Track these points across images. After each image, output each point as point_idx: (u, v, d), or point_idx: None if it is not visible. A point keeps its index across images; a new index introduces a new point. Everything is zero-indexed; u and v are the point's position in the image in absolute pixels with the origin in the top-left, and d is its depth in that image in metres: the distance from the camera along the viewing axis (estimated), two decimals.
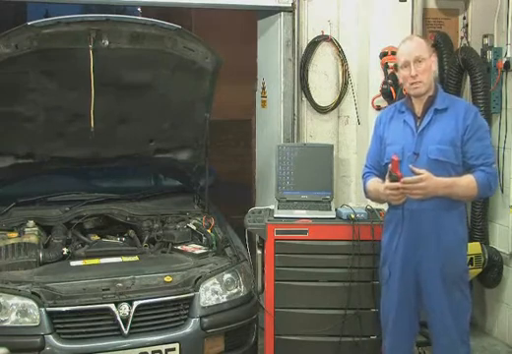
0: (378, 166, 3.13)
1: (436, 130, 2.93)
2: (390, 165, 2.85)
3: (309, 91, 4.49)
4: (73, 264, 3.28)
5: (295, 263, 3.54)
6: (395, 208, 3.03)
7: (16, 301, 2.91)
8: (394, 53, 3.49)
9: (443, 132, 2.92)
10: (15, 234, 3.47)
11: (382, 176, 3.01)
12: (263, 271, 3.60)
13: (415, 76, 2.90)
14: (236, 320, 3.20)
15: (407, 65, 2.92)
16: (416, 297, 3.02)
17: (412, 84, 2.93)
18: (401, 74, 3.00)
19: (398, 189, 2.85)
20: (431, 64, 2.95)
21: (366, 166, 3.23)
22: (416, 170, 2.80)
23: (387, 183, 2.88)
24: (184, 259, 3.40)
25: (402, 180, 2.81)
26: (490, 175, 2.91)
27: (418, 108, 3.00)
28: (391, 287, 3.08)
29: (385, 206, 3.30)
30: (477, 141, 2.91)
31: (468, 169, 2.93)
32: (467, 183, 2.88)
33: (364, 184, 3.21)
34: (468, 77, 4.19)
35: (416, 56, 2.90)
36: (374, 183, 3.09)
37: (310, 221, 3.58)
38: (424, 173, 2.78)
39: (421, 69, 2.90)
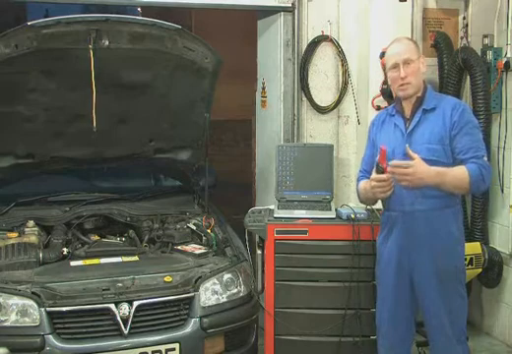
0: (372, 170, 3.12)
1: (425, 130, 2.93)
2: (378, 156, 2.82)
3: (309, 91, 4.50)
4: (73, 264, 3.29)
5: (295, 263, 3.54)
6: (388, 210, 3.03)
7: (16, 301, 2.91)
8: None
9: (431, 131, 2.91)
10: (15, 234, 3.47)
11: None
12: (263, 271, 3.60)
13: (404, 77, 2.90)
14: (236, 320, 3.20)
15: (395, 66, 2.93)
16: (411, 298, 3.01)
17: (400, 85, 2.93)
18: (390, 75, 3.00)
19: (383, 181, 2.84)
20: (420, 66, 2.95)
21: (360, 171, 3.22)
22: (410, 153, 2.76)
23: (373, 175, 2.87)
24: (184, 259, 3.40)
25: (392, 162, 2.77)
26: (482, 167, 2.85)
27: (408, 110, 3.00)
28: (385, 289, 3.08)
29: None
30: (464, 135, 2.88)
31: (458, 165, 2.89)
32: (458, 173, 2.82)
33: (357, 187, 3.20)
34: (468, 77, 4.19)
35: (404, 58, 2.91)
36: (365, 183, 3.09)
37: (310, 221, 3.58)
38: (416, 159, 2.75)
39: (410, 70, 2.91)
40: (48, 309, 2.90)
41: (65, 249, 3.39)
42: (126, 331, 2.95)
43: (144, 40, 3.38)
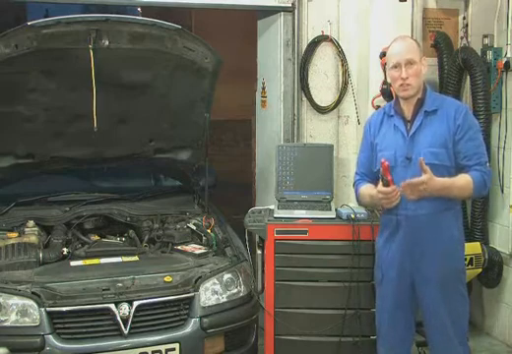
0: (370, 173, 3.10)
1: (427, 133, 2.91)
2: (381, 170, 2.84)
3: (309, 91, 4.49)
4: (73, 264, 3.29)
5: (295, 263, 3.54)
6: (390, 214, 3.01)
7: (16, 301, 2.91)
8: None
9: (434, 134, 2.90)
10: (15, 234, 3.47)
11: (374, 183, 2.99)
12: (263, 271, 3.60)
13: (405, 78, 2.88)
14: (236, 320, 3.20)
15: (397, 66, 2.91)
16: (411, 298, 3.01)
17: (401, 85, 2.91)
18: (390, 74, 2.97)
19: (390, 193, 2.85)
20: (421, 68, 2.93)
21: (357, 173, 3.20)
22: (424, 167, 2.74)
23: (379, 187, 2.88)
24: (184, 259, 3.40)
25: (406, 182, 2.78)
26: (485, 174, 2.88)
27: (408, 111, 2.97)
28: (385, 291, 3.07)
29: None
30: (468, 141, 2.89)
31: (461, 169, 2.90)
32: (463, 184, 2.86)
33: (356, 191, 3.18)
34: (468, 77, 4.19)
35: (407, 58, 2.88)
36: (367, 189, 3.07)
37: (310, 221, 3.58)
38: (427, 173, 2.75)
39: (412, 72, 2.88)
40: (48, 309, 2.90)
41: (65, 249, 3.39)
42: (126, 331, 2.95)
43: (144, 40, 3.38)
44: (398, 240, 2.99)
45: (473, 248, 3.97)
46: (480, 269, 4.04)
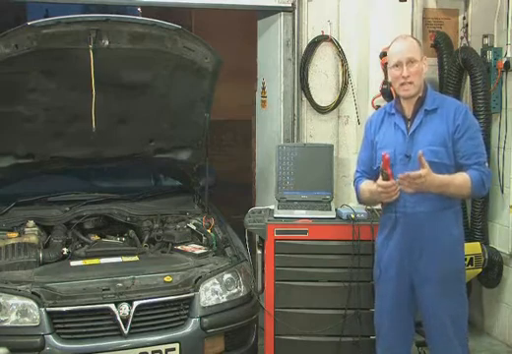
0: (370, 171, 3.09)
1: (427, 131, 2.91)
2: (381, 163, 2.83)
3: (309, 91, 4.50)
4: (73, 264, 3.29)
5: (295, 263, 3.54)
6: (389, 212, 3.01)
7: (16, 301, 2.92)
8: None
9: (434, 133, 2.90)
10: (15, 234, 3.47)
11: (374, 180, 2.98)
12: (263, 271, 3.60)
13: (406, 77, 2.88)
14: (236, 320, 3.20)
15: (398, 64, 2.91)
16: (410, 299, 3.00)
17: (402, 84, 2.90)
18: (391, 73, 2.97)
19: (389, 187, 2.85)
20: (423, 67, 2.93)
21: (358, 171, 3.19)
22: (423, 161, 2.74)
23: (379, 181, 2.87)
24: (184, 259, 3.40)
25: (404, 175, 2.78)
26: (484, 174, 2.88)
27: (408, 110, 2.97)
28: (385, 291, 3.06)
29: None
30: (468, 140, 2.89)
31: (460, 168, 2.90)
32: (461, 182, 2.85)
33: (356, 188, 3.17)
34: (468, 77, 4.19)
35: (408, 57, 2.88)
36: (367, 185, 3.06)
37: (310, 221, 3.58)
38: (425, 167, 2.74)
39: (413, 70, 2.88)
40: (48, 309, 2.90)
41: (65, 249, 3.39)
42: (126, 331, 2.95)
43: (144, 40, 3.38)
44: (396, 238, 2.99)
45: (473, 248, 3.97)
46: (480, 269, 4.04)
